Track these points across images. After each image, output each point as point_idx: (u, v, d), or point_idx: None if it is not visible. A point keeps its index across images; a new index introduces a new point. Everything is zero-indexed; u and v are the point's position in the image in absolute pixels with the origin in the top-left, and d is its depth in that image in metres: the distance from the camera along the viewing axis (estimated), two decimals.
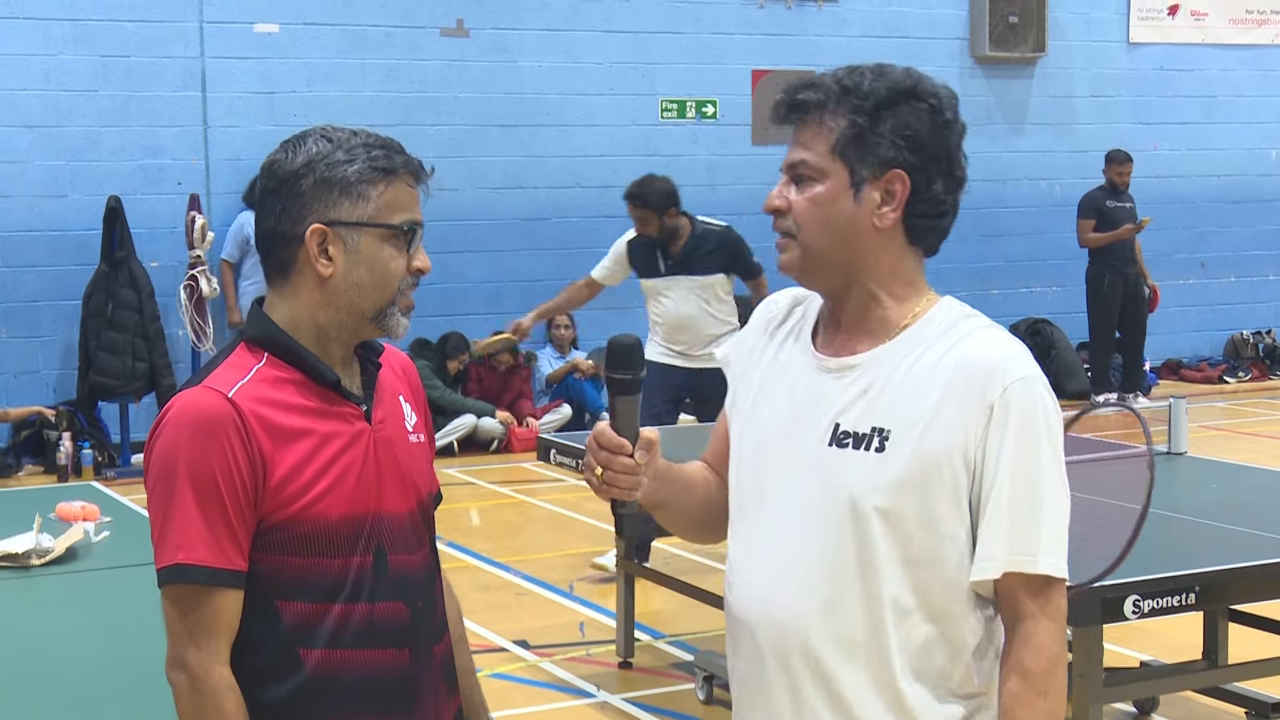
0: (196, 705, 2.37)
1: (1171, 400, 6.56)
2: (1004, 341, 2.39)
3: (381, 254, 2.45)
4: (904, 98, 2.40)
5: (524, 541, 9.11)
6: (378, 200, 2.45)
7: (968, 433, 2.32)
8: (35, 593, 4.49)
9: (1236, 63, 15.40)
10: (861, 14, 13.92)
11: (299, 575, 2.41)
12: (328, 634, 2.42)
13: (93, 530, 4.99)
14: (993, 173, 14.54)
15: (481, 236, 12.73)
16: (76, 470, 10.92)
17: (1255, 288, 15.61)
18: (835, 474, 2.39)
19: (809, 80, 2.43)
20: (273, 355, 2.46)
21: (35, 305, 11.59)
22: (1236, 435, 12.18)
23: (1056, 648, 2.36)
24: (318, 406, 2.45)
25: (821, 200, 2.39)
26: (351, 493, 2.45)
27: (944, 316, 2.43)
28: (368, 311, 2.47)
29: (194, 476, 2.35)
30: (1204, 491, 6.01)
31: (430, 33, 12.53)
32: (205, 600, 2.36)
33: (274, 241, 2.47)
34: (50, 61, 11.47)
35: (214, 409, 2.37)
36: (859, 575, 2.37)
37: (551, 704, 6.32)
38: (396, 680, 2.49)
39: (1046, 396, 2.36)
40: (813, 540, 2.40)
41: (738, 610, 2.52)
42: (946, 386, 2.34)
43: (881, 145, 2.37)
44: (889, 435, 2.35)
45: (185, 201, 11.62)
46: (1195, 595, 4.55)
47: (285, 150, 2.48)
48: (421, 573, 2.56)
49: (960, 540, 2.36)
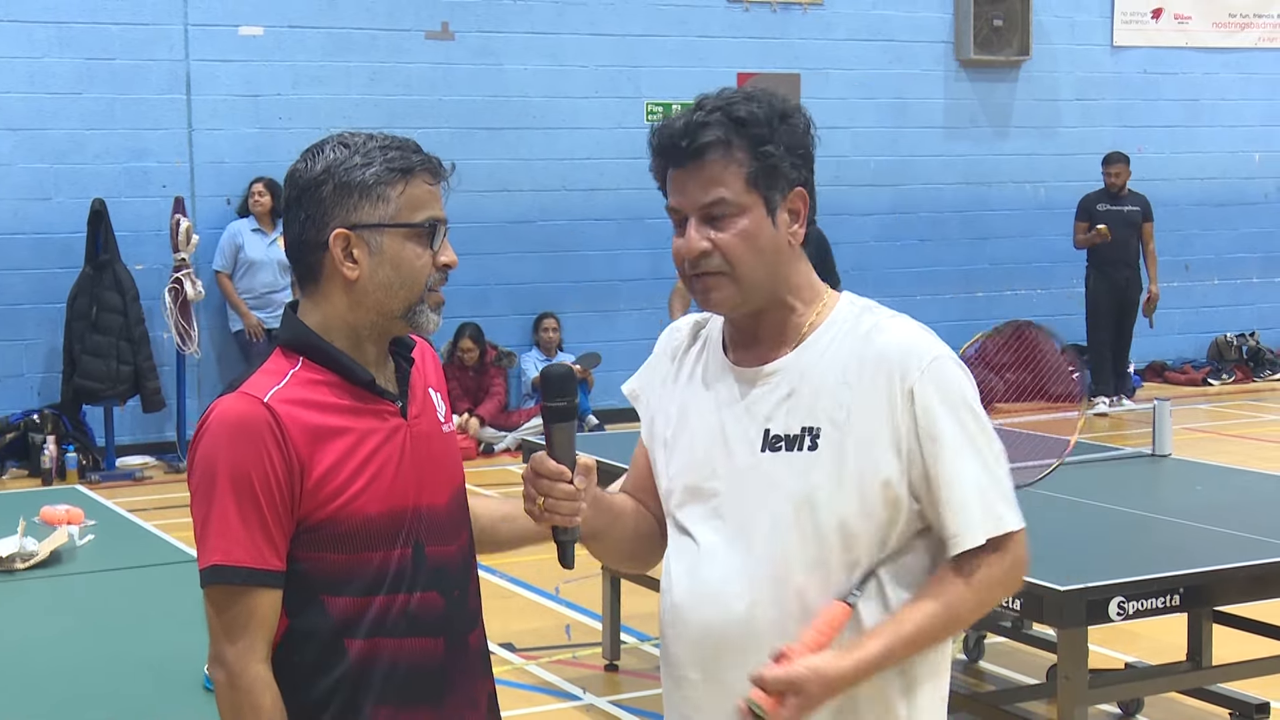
0: (234, 701, 2.43)
1: (1156, 402, 6.58)
2: (910, 329, 2.47)
3: (405, 253, 2.50)
4: (785, 118, 2.47)
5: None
6: (397, 200, 2.49)
7: (895, 420, 2.40)
8: (19, 596, 4.47)
9: (1220, 66, 15.45)
10: (846, 17, 13.94)
11: (342, 570, 2.46)
12: (369, 625, 2.47)
13: (77, 534, 4.98)
14: (978, 176, 14.58)
15: (467, 239, 12.69)
16: (61, 474, 10.90)
17: (1239, 290, 15.66)
18: (772, 479, 2.45)
19: (696, 121, 2.46)
20: (308, 359, 2.51)
21: (19, 308, 11.57)
22: (1221, 437, 12.21)
23: (1003, 577, 2.46)
24: (353, 405, 2.50)
25: (749, 233, 2.44)
26: (389, 488, 2.49)
27: (848, 312, 2.51)
28: (397, 310, 2.51)
29: (233, 480, 2.40)
30: (1188, 493, 6.03)
31: (415, 36, 12.53)
32: (242, 600, 2.42)
33: (301, 249, 2.53)
34: (35, 64, 11.46)
35: (250, 414, 2.42)
36: (809, 573, 2.43)
37: (538, 707, 6.32)
38: (430, 669, 2.54)
39: (958, 370, 2.44)
40: (760, 545, 2.45)
41: (686, 629, 2.53)
42: (865, 378, 2.42)
43: (785, 168, 2.45)
44: (819, 433, 2.43)
45: (170, 204, 11.60)
46: (1180, 597, 4.56)
47: (305, 159, 2.53)
48: (459, 562, 2.61)
49: (900, 524, 2.43)
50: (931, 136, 14.39)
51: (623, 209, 13.13)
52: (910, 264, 14.33)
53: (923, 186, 14.37)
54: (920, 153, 14.31)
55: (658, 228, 13.23)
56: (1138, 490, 6.04)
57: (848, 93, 13.97)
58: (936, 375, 2.41)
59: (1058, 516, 5.44)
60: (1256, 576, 4.72)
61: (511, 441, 12.02)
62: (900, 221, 14.35)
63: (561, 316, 13.01)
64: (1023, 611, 4.55)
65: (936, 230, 14.48)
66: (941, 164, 14.44)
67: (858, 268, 13.93)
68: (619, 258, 13.26)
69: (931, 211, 14.46)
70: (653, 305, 13.32)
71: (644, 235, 13.18)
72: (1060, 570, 4.54)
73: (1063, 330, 14.40)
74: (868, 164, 14.10)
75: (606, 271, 13.23)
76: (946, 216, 14.52)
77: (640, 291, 13.20)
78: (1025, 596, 4.45)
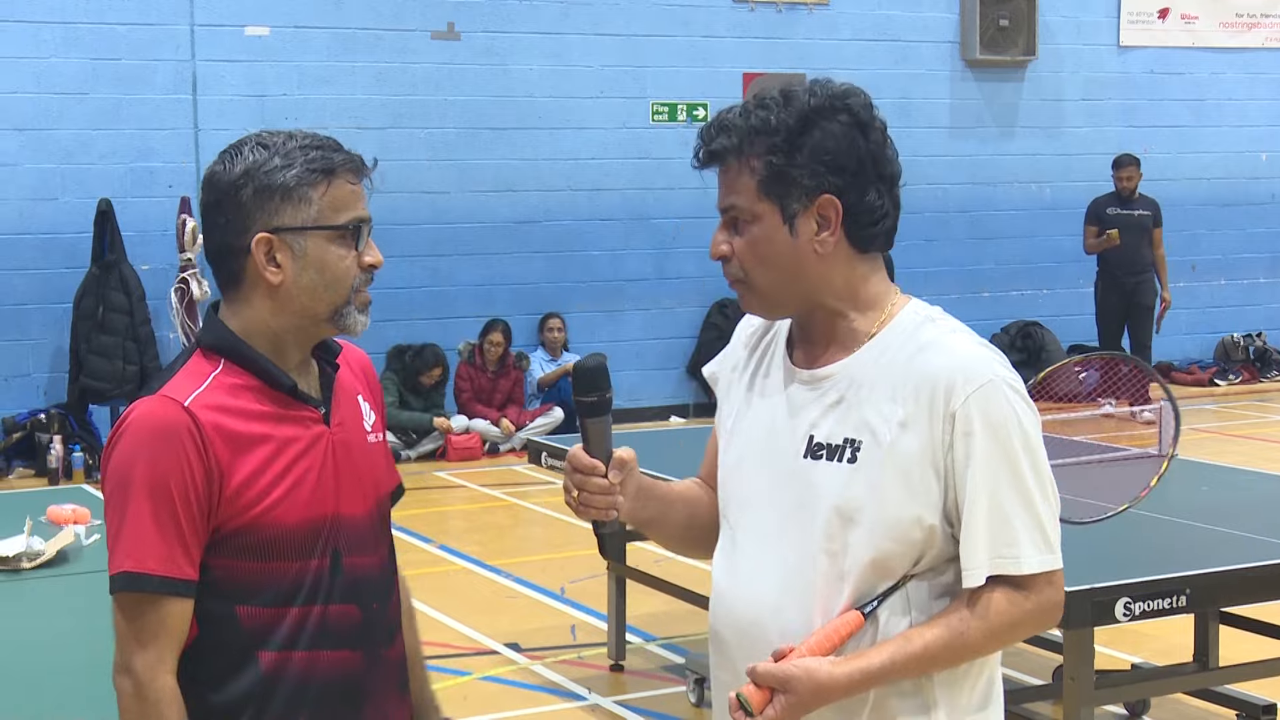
0: (140, 713, 2.38)
1: (1162, 403, 6.57)
2: (964, 349, 2.38)
3: (330, 255, 2.44)
4: (813, 121, 2.40)
5: (515, 544, 9.10)
6: (320, 202, 2.44)
7: (934, 445, 2.33)
8: (26, 596, 4.48)
9: (1226, 66, 15.43)
10: (851, 17, 13.93)
11: (257, 579, 2.42)
12: (283, 636, 2.44)
13: (83, 533, 4.98)
14: (983, 176, 14.57)
15: (472, 240, 12.72)
16: (67, 473, 10.92)
17: (1245, 291, 15.63)
18: (810, 486, 2.41)
19: (721, 123, 2.43)
20: (229, 361, 2.46)
21: (25, 309, 11.58)
22: (1227, 438, 12.20)
23: (1021, 617, 2.36)
24: (275, 411, 2.45)
25: (759, 241, 2.40)
26: (309, 497, 2.45)
27: (908, 322, 2.43)
28: (322, 313, 2.47)
29: (149, 485, 2.36)
30: (1195, 494, 6.02)
31: (421, 36, 12.53)
32: (153, 608, 2.38)
33: (222, 254, 2.47)
34: (41, 64, 11.46)
35: (170, 418, 2.38)
36: (834, 586, 2.38)
37: (543, 707, 6.31)
38: (347, 681, 2.50)
39: (1011, 397, 2.35)
40: (789, 552, 2.43)
41: (719, 621, 2.54)
42: (910, 397, 2.35)
43: (804, 176, 2.37)
44: (860, 446, 2.37)
45: (176, 204, 11.61)
46: (1186, 598, 4.55)
47: (223, 161, 2.48)
48: (377, 574, 2.57)
49: (936, 547, 2.37)
50: (937, 136, 14.38)
51: (628, 209, 13.12)
52: (915, 264, 14.30)
53: (928, 186, 14.35)
54: (925, 153, 14.29)
55: (663, 228, 13.24)
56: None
57: None
58: (983, 401, 2.32)
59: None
60: (1263, 577, 4.72)
61: (517, 442, 12.01)
62: (905, 221, 13.80)
63: (567, 316, 13.00)
64: None
65: (942, 230, 14.47)
66: (947, 164, 14.43)
67: None
68: (624, 258, 13.26)
69: (937, 211, 14.45)
70: (658, 305, 13.33)
71: (649, 235, 13.17)
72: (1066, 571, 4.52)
73: (1067, 330, 14.52)
74: None
75: (611, 272, 13.22)
76: (952, 216, 14.50)
77: (645, 292, 13.20)
78: None
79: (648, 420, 12.78)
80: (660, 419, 13.11)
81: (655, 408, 13.21)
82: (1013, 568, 2.33)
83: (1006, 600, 2.34)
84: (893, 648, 2.33)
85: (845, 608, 2.37)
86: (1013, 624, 2.35)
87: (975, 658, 2.38)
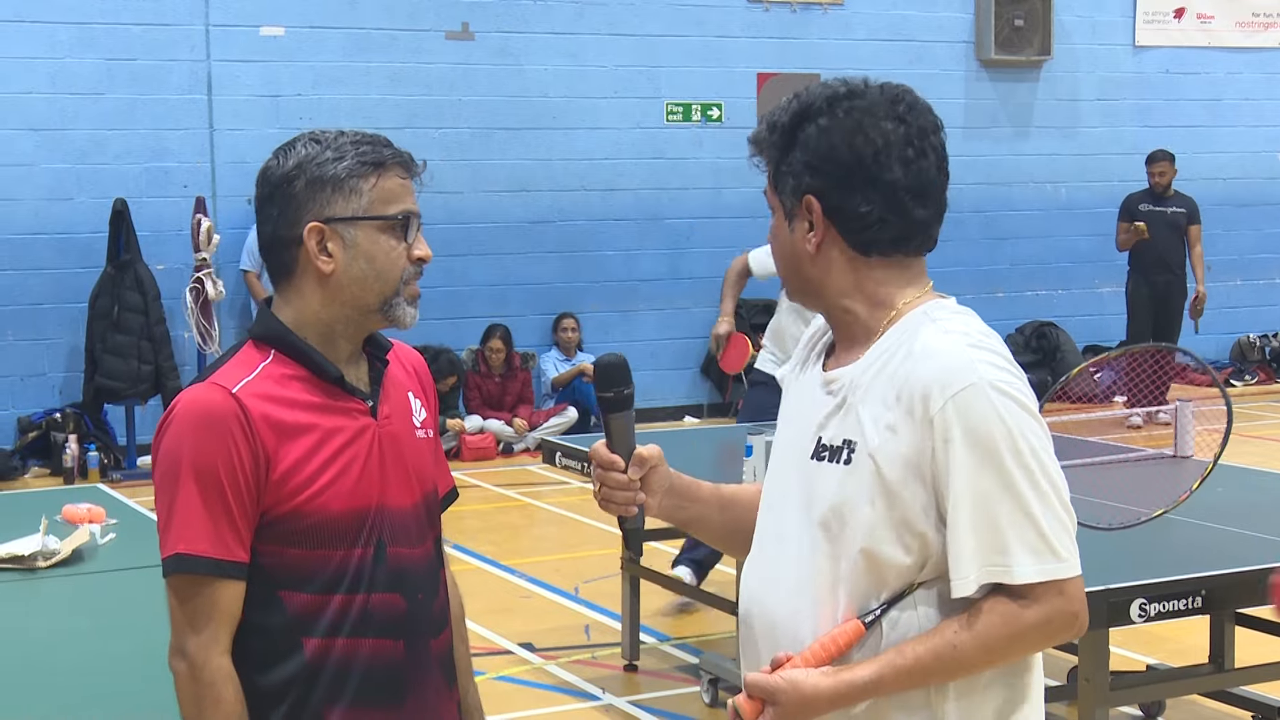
0: (195, 693, 2.40)
1: (1178, 403, 6.55)
2: (947, 351, 2.31)
3: (380, 245, 2.49)
4: (808, 119, 2.40)
5: (529, 544, 9.11)
6: (370, 194, 2.49)
7: (919, 450, 2.27)
8: (41, 595, 4.49)
9: (1242, 66, 15.39)
10: (866, 17, 13.91)
11: (302, 566, 2.45)
12: (327, 623, 2.46)
13: (99, 532, 4.99)
14: (998, 176, 14.55)
15: (486, 239, 12.73)
16: (83, 472, 10.94)
17: (1261, 291, 15.59)
18: (813, 487, 2.42)
19: (763, 119, 2.51)
20: (279, 352, 2.50)
21: (41, 308, 11.61)
22: (1243, 439, 12.16)
23: (1021, 629, 2.26)
24: (322, 402, 2.49)
25: (774, 233, 2.48)
26: (354, 486, 2.48)
27: (910, 322, 2.40)
28: (372, 304, 2.51)
29: (198, 470, 2.39)
30: (1210, 495, 5.99)
31: (435, 36, 12.54)
32: (206, 590, 2.40)
33: (275, 245, 2.52)
34: (56, 65, 11.49)
35: (218, 404, 2.42)
36: (832, 590, 2.36)
37: (556, 707, 6.32)
38: (389, 671, 2.52)
39: (996, 399, 2.26)
40: (793, 551, 2.44)
41: (748, 621, 2.54)
42: (902, 401, 2.30)
43: (791, 175, 2.40)
44: (855, 447, 2.35)
45: (191, 204, 11.63)
46: (1202, 599, 4.54)
47: (277, 156, 2.53)
48: (423, 566, 2.59)
49: (934, 555, 2.30)
50: (951, 136, 13.93)
51: (642, 209, 13.12)
52: (930, 264, 14.13)
53: None
54: None
55: (677, 228, 13.24)
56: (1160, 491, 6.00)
57: None
58: (963, 405, 2.24)
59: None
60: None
61: (531, 441, 12.02)
62: None
63: (581, 316, 13.01)
64: None
65: (956, 230, 14.44)
66: (962, 164, 14.32)
67: None
68: (638, 258, 13.25)
69: (952, 212, 13.99)
70: (672, 305, 13.32)
71: (663, 235, 13.17)
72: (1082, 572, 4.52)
73: (1082, 331, 14.48)
74: None
75: (625, 272, 13.22)
76: (966, 217, 14.48)
77: (659, 291, 13.20)
78: None
79: (662, 420, 12.78)
80: (674, 419, 13.10)
81: (669, 408, 13.20)
82: (1006, 576, 2.24)
83: (1003, 611, 2.25)
84: (883, 660, 2.27)
85: (846, 613, 2.34)
86: (1011, 636, 2.26)
87: (973, 672, 2.29)
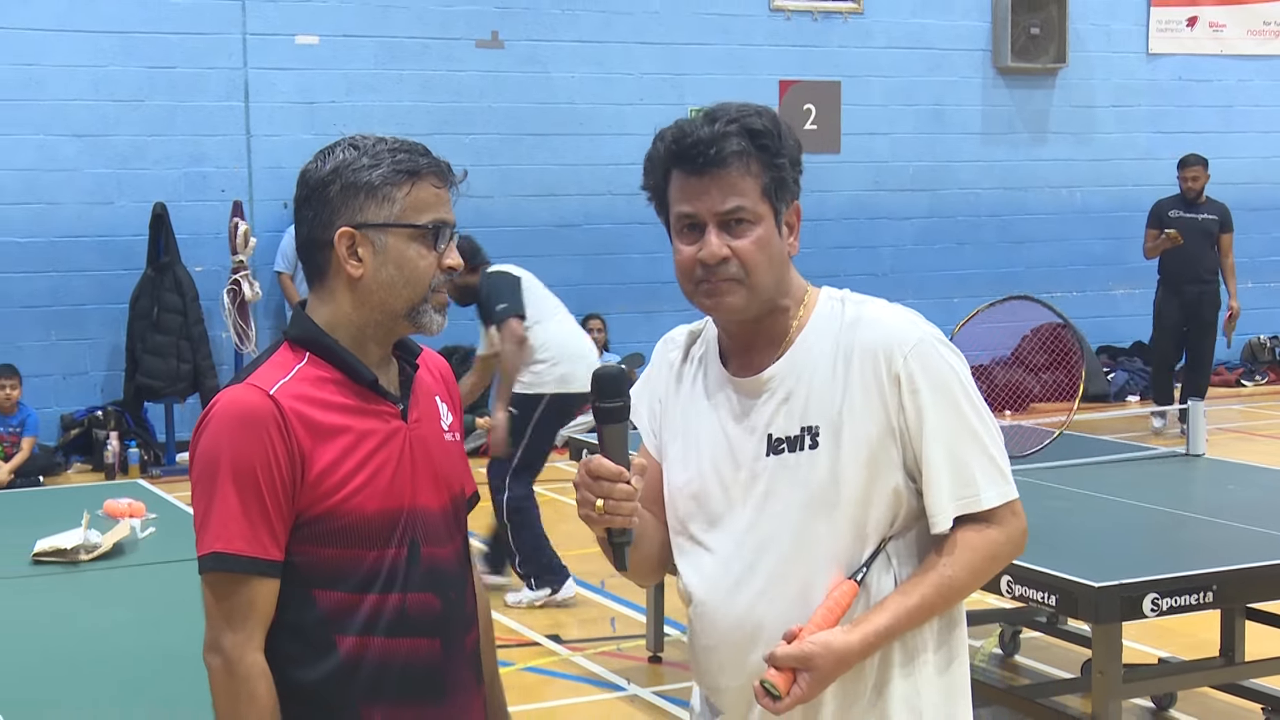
0: (230, 689, 2.39)
1: (1190, 403, 6.54)
2: (888, 317, 2.49)
3: (409, 253, 2.48)
4: (788, 134, 2.50)
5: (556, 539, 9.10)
6: (403, 201, 2.48)
7: (887, 408, 2.43)
8: (83, 587, 4.51)
9: (1254, 73, 15.32)
10: (886, 25, 13.89)
11: (335, 566, 2.44)
12: (362, 622, 2.45)
13: (139, 526, 5.02)
14: (1015, 181, 14.50)
15: (514, 242, 12.71)
16: (123, 468, 10.99)
17: (1272, 293, 15.52)
18: (777, 479, 2.47)
19: (719, 132, 2.44)
20: (314, 355, 2.49)
21: (84, 309, 11.66)
22: (1254, 437, 12.11)
23: (996, 549, 2.47)
24: (356, 404, 2.48)
25: (764, 242, 2.47)
26: (387, 487, 2.47)
27: (828, 308, 2.53)
28: (400, 309, 2.50)
29: (235, 470, 2.38)
30: (1221, 492, 5.99)
31: (466, 44, 12.56)
32: (242, 588, 2.39)
33: (309, 247, 2.52)
34: (99, 72, 11.54)
35: (256, 405, 2.41)
36: (821, 563, 2.45)
37: (583, 697, 6.33)
38: (428, 669, 2.51)
39: (942, 349, 2.46)
40: (769, 545, 2.47)
41: (709, 635, 2.54)
42: (854, 371, 2.45)
43: (790, 182, 2.49)
44: (818, 430, 2.46)
45: (228, 208, 11.66)
46: (1212, 594, 4.53)
47: (317, 160, 2.53)
48: (454, 566, 2.58)
49: (904, 506, 2.46)
50: (969, 142, 14.32)
51: None
52: (947, 267, 14.27)
53: (960, 191, 14.31)
54: (958, 158, 14.25)
55: None
56: (1172, 489, 6.00)
57: (887, 100, 13.92)
58: (920, 359, 2.43)
59: (1092, 514, 5.42)
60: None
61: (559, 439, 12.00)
62: (938, 225, 14.28)
63: (606, 317, 13.02)
64: (1058, 607, 4.53)
65: (973, 234, 14.42)
66: (979, 169, 14.38)
67: (896, 270, 13.89)
68: (661, 260, 13.14)
69: (969, 216, 14.40)
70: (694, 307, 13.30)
71: None
72: (1095, 567, 4.52)
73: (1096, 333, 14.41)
74: (906, 169, 14.06)
75: (649, 274, 13.21)
76: (983, 220, 14.45)
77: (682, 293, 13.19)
78: (1061, 593, 4.43)
79: None
80: None
81: None
82: (975, 505, 2.44)
83: (977, 536, 2.44)
84: (893, 606, 2.42)
85: (835, 580, 2.43)
86: (990, 557, 2.46)
87: (968, 594, 2.50)
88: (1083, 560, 4.62)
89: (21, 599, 4.41)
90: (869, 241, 13.70)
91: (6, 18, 11.30)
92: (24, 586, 4.52)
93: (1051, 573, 4.45)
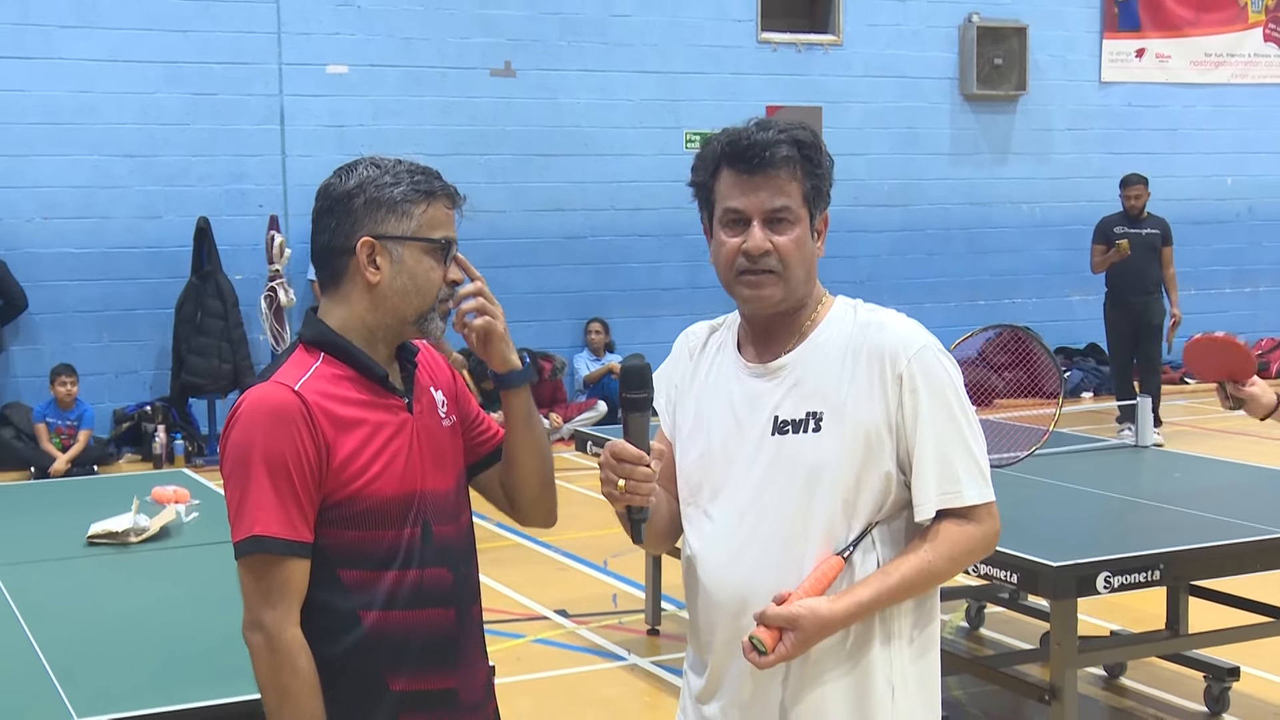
0: (273, 663, 2.38)
1: (1138, 398, 6.54)
2: (901, 323, 2.51)
3: (422, 265, 2.48)
4: (825, 151, 2.53)
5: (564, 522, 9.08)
6: (420, 218, 2.48)
7: (888, 404, 2.45)
8: (133, 567, 4.50)
9: (1196, 99, 15.32)
10: (863, 56, 13.88)
11: (358, 546, 2.43)
12: (384, 598, 2.44)
13: (184, 511, 5.01)
14: (979, 197, 14.50)
15: (525, 253, 12.74)
16: (170, 458, 10.98)
17: (1212, 299, 15.52)
18: (780, 457, 2.49)
19: (771, 138, 2.47)
20: (328, 355, 2.48)
21: (134, 313, 11.65)
22: (1197, 431, 12.11)
23: (972, 543, 2.48)
24: (369, 399, 2.48)
25: (802, 241, 2.49)
26: (401, 473, 2.47)
27: (843, 310, 2.56)
28: (410, 316, 2.50)
29: (268, 460, 2.37)
30: (1168, 480, 5.99)
31: (481, 73, 12.55)
32: (279, 568, 2.38)
33: (328, 254, 2.51)
34: (148, 99, 11.54)
35: (284, 400, 2.39)
36: (815, 537, 2.46)
37: (587, 666, 6.32)
38: (444, 638, 2.51)
39: (941, 357, 2.49)
40: (768, 517, 2.48)
41: (712, 595, 2.55)
42: (862, 367, 2.47)
43: (825, 192, 2.53)
44: (822, 416, 2.47)
45: (266, 222, 11.67)
46: (1160, 572, 4.53)
47: (339, 175, 2.52)
48: (461, 541, 2.58)
49: (893, 494, 2.47)
50: (938, 162, 14.32)
51: (664, 226, 13.12)
52: (919, 275, 14.27)
53: (930, 206, 14.30)
54: (928, 176, 14.25)
55: (695, 243, 13.20)
56: (1122, 477, 6.00)
57: (864, 123, 13.92)
58: (922, 363, 2.45)
59: (1051, 501, 5.41)
60: (1228, 554, 4.69)
61: (565, 432, 12.01)
62: (910, 238, 14.28)
63: (609, 321, 13.01)
64: (1020, 584, 4.52)
65: (942, 245, 14.41)
66: (947, 187, 14.37)
67: (873, 278, 13.88)
68: (660, 269, 13.25)
69: (938, 229, 14.39)
70: (690, 311, 13.26)
71: (683, 249, 13.17)
72: (1053, 548, 4.52)
73: (1053, 335, 14.41)
74: (881, 186, 14.05)
75: (649, 281, 13.22)
76: (952, 233, 14.44)
77: (679, 299, 13.19)
78: (1021, 572, 4.43)
79: None
80: None
81: None
82: (958, 500, 2.45)
83: (957, 529, 2.46)
84: (876, 583, 2.43)
85: (823, 554, 2.44)
86: (967, 550, 2.47)
87: (943, 581, 2.51)
88: (1042, 542, 4.61)
89: (77, 577, 4.40)
90: (849, 252, 13.69)
91: (65, 50, 11.30)
92: (79, 566, 4.51)
93: (1013, 553, 4.45)
